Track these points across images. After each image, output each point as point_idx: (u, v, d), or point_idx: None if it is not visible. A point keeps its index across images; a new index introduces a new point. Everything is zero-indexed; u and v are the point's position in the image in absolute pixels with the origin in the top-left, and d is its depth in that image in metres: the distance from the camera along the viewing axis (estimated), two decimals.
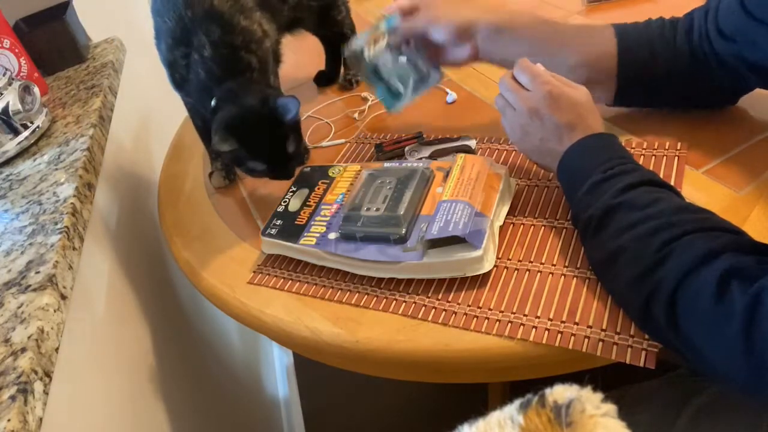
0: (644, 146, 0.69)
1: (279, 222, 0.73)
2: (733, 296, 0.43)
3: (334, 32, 1.00)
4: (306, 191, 0.76)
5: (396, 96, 0.79)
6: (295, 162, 0.76)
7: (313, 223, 0.70)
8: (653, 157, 0.67)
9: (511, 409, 0.32)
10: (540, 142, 0.63)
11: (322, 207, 0.72)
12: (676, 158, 0.66)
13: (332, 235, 0.67)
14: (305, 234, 0.69)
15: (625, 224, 0.52)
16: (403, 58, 0.76)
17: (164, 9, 0.75)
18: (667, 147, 0.68)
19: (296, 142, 0.75)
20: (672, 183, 0.63)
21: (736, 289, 0.43)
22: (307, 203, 0.74)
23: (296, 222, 0.72)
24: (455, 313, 0.58)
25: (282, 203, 0.76)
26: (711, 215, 0.51)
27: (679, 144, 0.67)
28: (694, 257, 0.46)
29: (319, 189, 0.76)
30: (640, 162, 0.67)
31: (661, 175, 0.64)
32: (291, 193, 0.77)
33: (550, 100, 0.62)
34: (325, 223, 0.69)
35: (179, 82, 0.78)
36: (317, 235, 0.68)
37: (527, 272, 0.60)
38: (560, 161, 0.62)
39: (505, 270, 0.61)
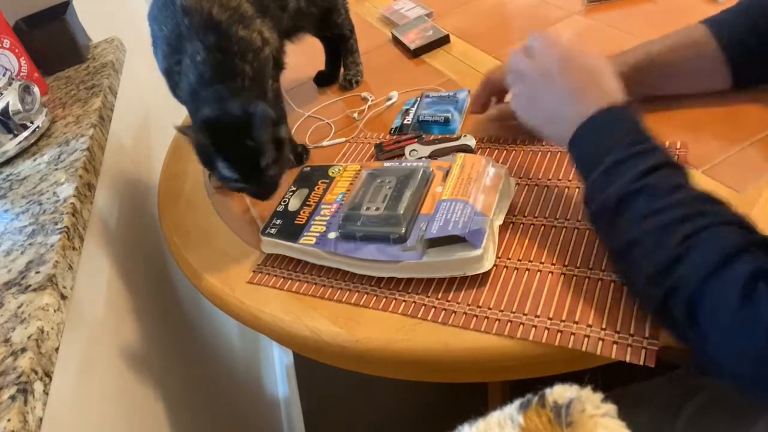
0: None
1: (279, 221, 0.73)
2: (761, 299, 0.41)
3: (334, 33, 1.01)
4: (306, 191, 0.76)
5: (448, 122, 0.85)
6: (270, 180, 0.72)
7: (312, 222, 0.70)
8: None
9: (511, 409, 0.32)
10: (551, 110, 0.61)
11: (322, 206, 0.72)
12: (676, 157, 0.66)
13: (332, 235, 0.67)
14: (305, 233, 0.69)
15: (644, 212, 0.50)
16: (431, 102, 0.89)
17: (161, 16, 0.75)
18: (667, 146, 0.68)
19: (273, 158, 0.71)
20: None
21: (764, 292, 0.41)
22: (307, 203, 0.74)
23: (296, 221, 0.72)
24: (455, 312, 0.58)
25: (282, 203, 0.76)
26: (728, 208, 0.49)
27: (678, 143, 0.67)
28: (719, 254, 0.44)
29: (318, 189, 0.76)
30: None
31: None
32: (291, 193, 0.77)
33: (563, 63, 0.60)
34: (324, 223, 0.69)
35: (175, 89, 0.78)
36: (317, 234, 0.68)
37: (527, 271, 0.60)
38: (574, 134, 0.58)
39: (505, 269, 0.61)
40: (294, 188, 0.78)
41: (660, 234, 0.48)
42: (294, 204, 0.75)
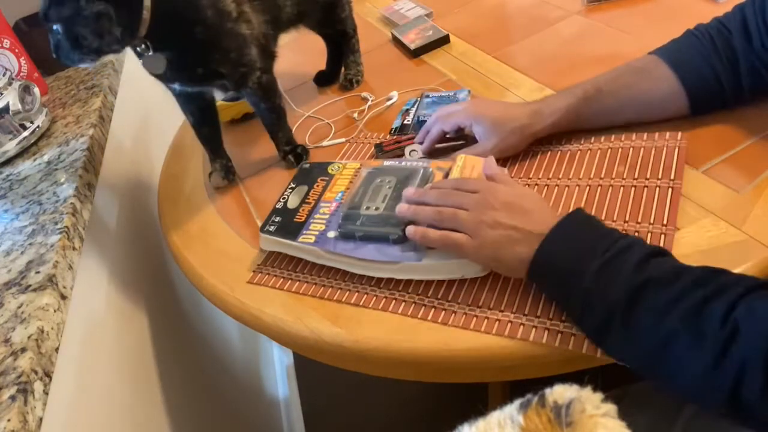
0: (644, 138, 0.69)
1: (278, 219, 0.73)
2: None
3: (336, 30, 1.01)
4: (305, 188, 0.76)
5: None
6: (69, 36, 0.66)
7: (312, 220, 0.70)
8: (653, 149, 0.67)
9: (511, 409, 0.32)
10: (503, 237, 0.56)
11: (321, 204, 0.72)
12: (677, 149, 0.66)
13: (331, 234, 0.67)
14: (304, 232, 0.69)
15: (662, 304, 0.46)
16: (431, 103, 0.90)
17: None
18: (667, 138, 0.67)
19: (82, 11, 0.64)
20: (672, 175, 0.63)
21: None
22: (306, 200, 0.74)
23: (295, 219, 0.71)
24: (455, 312, 0.58)
25: (281, 200, 0.76)
26: (731, 273, 0.48)
27: (679, 134, 0.67)
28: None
29: (318, 186, 0.76)
30: (640, 155, 0.67)
31: (661, 167, 0.64)
32: (290, 190, 0.77)
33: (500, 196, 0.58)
34: (324, 221, 0.69)
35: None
36: (316, 233, 0.68)
37: None
38: (534, 256, 0.53)
39: None
40: (293, 185, 0.78)
41: (694, 322, 0.45)
42: (293, 201, 0.75)
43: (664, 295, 0.46)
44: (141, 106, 1.27)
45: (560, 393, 0.31)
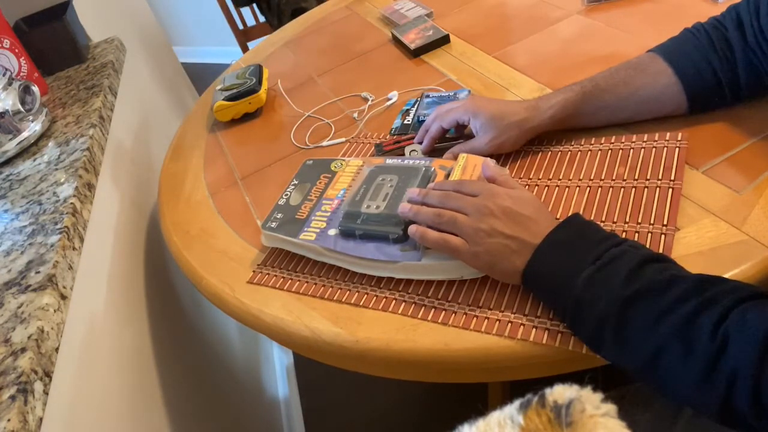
0: (644, 138, 0.69)
1: (280, 215, 0.73)
2: None
3: None
4: (308, 185, 0.76)
5: None
6: None
7: (313, 218, 0.70)
8: (654, 149, 0.67)
9: (511, 409, 0.32)
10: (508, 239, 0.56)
11: (323, 202, 0.72)
12: (677, 149, 0.66)
13: (332, 231, 0.67)
14: (305, 229, 0.69)
15: (653, 315, 0.46)
16: (431, 103, 0.90)
17: None
18: (667, 138, 0.67)
19: None
20: (672, 175, 0.63)
21: None
22: (309, 197, 0.74)
23: (297, 216, 0.71)
24: (455, 312, 0.58)
25: (283, 196, 0.76)
26: (728, 280, 0.48)
27: (680, 134, 0.67)
28: (758, 336, 0.42)
29: (320, 183, 0.76)
30: (641, 156, 0.67)
31: (662, 167, 0.64)
32: (293, 186, 0.77)
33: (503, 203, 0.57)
34: (325, 219, 0.69)
35: None
36: (317, 230, 0.68)
37: None
38: (528, 263, 0.54)
39: None
40: (296, 182, 0.78)
41: (685, 334, 0.45)
42: (295, 198, 0.75)
43: (654, 308, 0.46)
44: (141, 106, 1.27)
45: (560, 393, 0.31)
